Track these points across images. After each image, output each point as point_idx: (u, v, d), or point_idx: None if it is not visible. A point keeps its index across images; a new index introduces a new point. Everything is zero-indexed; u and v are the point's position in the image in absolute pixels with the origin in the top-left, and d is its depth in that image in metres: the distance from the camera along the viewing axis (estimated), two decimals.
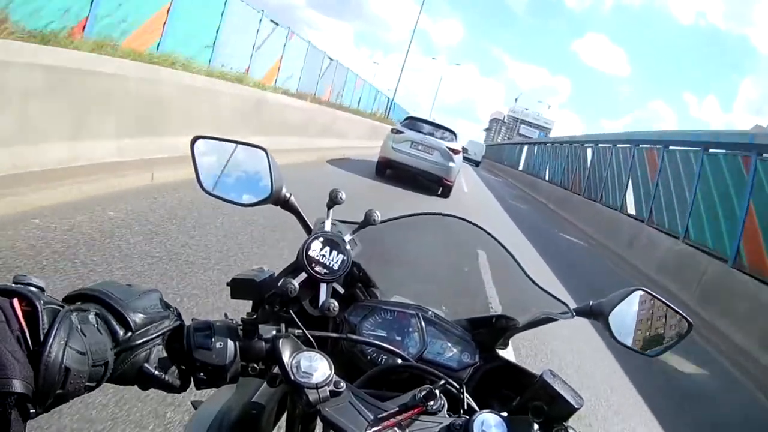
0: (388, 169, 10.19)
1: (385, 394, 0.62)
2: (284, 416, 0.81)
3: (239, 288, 0.70)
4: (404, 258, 0.99)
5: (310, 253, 0.69)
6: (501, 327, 0.82)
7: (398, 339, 0.78)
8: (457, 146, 10.33)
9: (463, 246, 0.97)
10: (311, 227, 0.78)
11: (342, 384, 0.56)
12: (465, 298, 0.96)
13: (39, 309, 0.41)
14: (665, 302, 0.78)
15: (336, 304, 0.67)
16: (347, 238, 0.71)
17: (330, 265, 0.69)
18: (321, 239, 0.69)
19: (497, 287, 0.97)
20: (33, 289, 0.43)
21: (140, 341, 0.50)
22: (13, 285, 0.43)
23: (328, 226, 0.74)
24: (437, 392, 0.57)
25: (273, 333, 0.60)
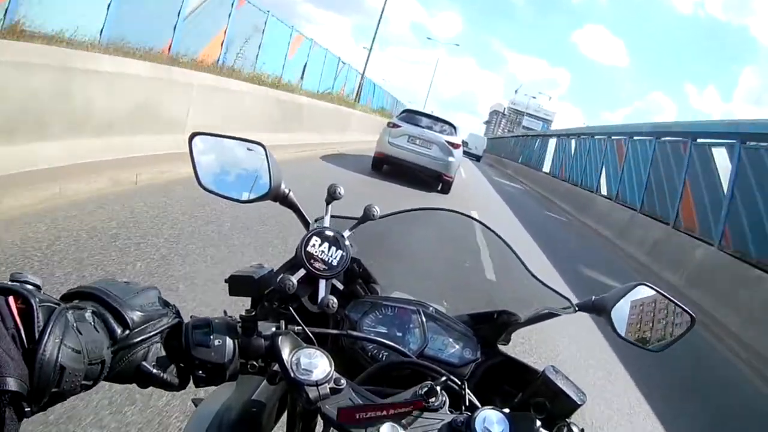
0: (385, 165, 9.83)
1: (386, 391, 0.61)
2: (285, 414, 0.80)
3: (237, 285, 0.70)
4: (404, 253, 0.98)
5: (309, 249, 0.68)
6: (503, 322, 0.81)
7: (399, 335, 0.78)
8: (457, 140, 9.89)
9: (464, 241, 0.97)
10: (310, 223, 0.77)
11: (342, 381, 0.55)
12: (466, 294, 0.95)
13: (34, 307, 0.41)
14: (668, 297, 0.77)
15: (335, 301, 0.67)
16: (346, 234, 0.70)
17: (329, 261, 0.68)
18: (320, 235, 0.69)
19: (498, 282, 0.97)
20: (29, 287, 0.43)
21: (138, 339, 0.50)
22: (9, 283, 0.42)
23: (327, 222, 0.73)
24: (438, 389, 0.57)
25: (272, 330, 0.60)
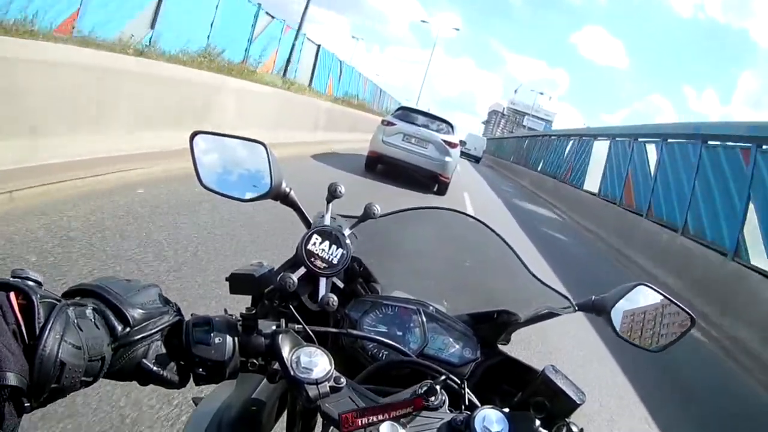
0: (379, 165, 9.43)
1: (386, 390, 0.61)
2: (285, 412, 0.80)
3: (238, 283, 0.70)
4: (405, 253, 0.98)
5: (310, 248, 0.68)
6: (503, 322, 0.81)
7: (399, 334, 0.78)
8: (454, 139, 9.45)
9: (464, 240, 0.97)
10: (311, 221, 0.77)
11: (342, 380, 0.55)
12: (466, 293, 0.95)
13: (35, 303, 0.41)
14: (668, 297, 0.77)
15: (335, 299, 0.67)
16: (347, 232, 0.71)
17: (329, 260, 0.68)
18: (320, 233, 0.69)
19: (498, 282, 0.97)
20: (30, 283, 0.43)
21: (138, 337, 0.50)
22: (10, 279, 0.42)
23: (328, 220, 0.73)
24: (438, 388, 0.57)
25: (272, 328, 0.60)
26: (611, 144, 13.88)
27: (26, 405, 0.39)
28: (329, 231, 0.69)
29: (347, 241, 0.69)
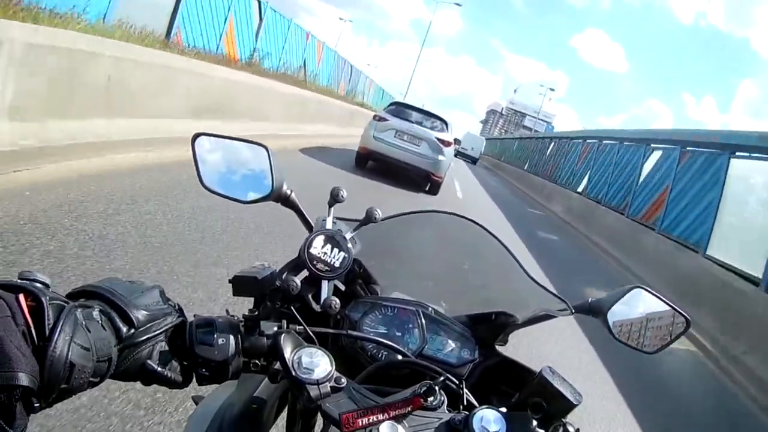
0: (370, 161, 9.07)
1: (385, 390, 0.62)
2: (285, 411, 0.81)
3: (241, 285, 0.70)
4: (404, 255, 0.99)
5: (312, 251, 0.69)
6: (500, 323, 0.82)
7: (398, 335, 0.79)
8: (448, 137, 9.10)
9: (463, 243, 0.98)
10: (312, 224, 0.78)
11: (343, 380, 0.56)
12: (464, 295, 0.96)
13: (44, 304, 0.41)
14: (663, 300, 0.78)
15: (337, 301, 0.67)
16: (348, 236, 0.71)
17: (331, 263, 0.69)
18: (322, 237, 0.70)
19: (496, 284, 0.98)
20: (38, 285, 0.43)
21: (143, 338, 0.51)
22: (19, 281, 0.43)
23: (329, 224, 0.74)
24: (437, 388, 0.57)
25: (274, 329, 0.61)
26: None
27: (35, 405, 0.40)
28: (331, 235, 0.70)
29: (349, 245, 0.70)
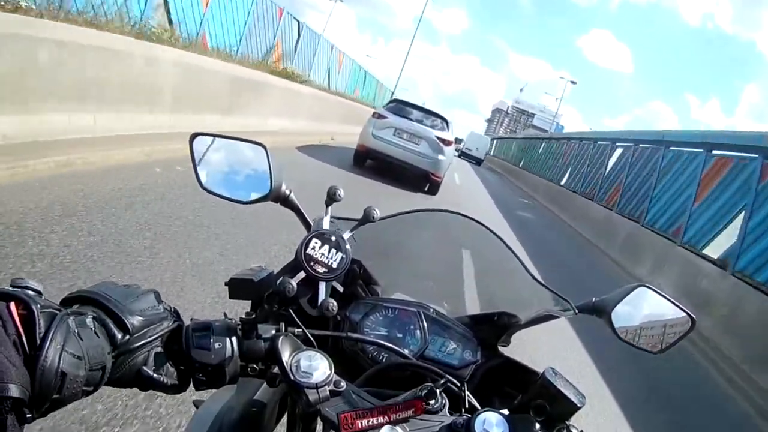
0: (368, 160, 8.96)
1: (386, 393, 0.61)
2: (285, 415, 0.81)
3: (237, 288, 0.69)
4: (405, 255, 0.98)
5: (309, 252, 0.68)
6: (503, 324, 0.81)
7: (399, 336, 0.78)
8: (449, 136, 8.95)
9: (464, 242, 0.97)
10: (311, 223, 0.77)
11: (342, 383, 0.55)
12: (466, 295, 0.95)
13: (35, 313, 0.41)
14: (668, 298, 0.77)
15: (335, 304, 0.66)
16: (346, 236, 0.70)
17: (329, 264, 0.68)
18: (320, 237, 0.68)
19: (498, 284, 0.97)
20: (30, 293, 0.43)
21: (138, 344, 0.50)
22: (10, 288, 0.42)
23: (327, 224, 0.73)
24: (438, 391, 0.57)
25: (272, 332, 0.60)
26: None
27: (28, 416, 0.39)
28: (329, 235, 0.69)
29: (347, 246, 0.69)
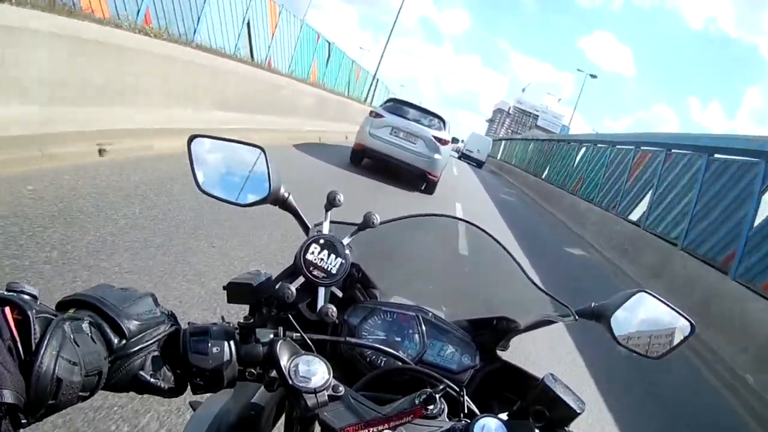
0: (365, 158, 8.98)
1: (385, 398, 0.61)
2: (283, 418, 0.80)
3: (235, 292, 0.69)
4: (404, 258, 0.98)
5: (308, 257, 0.67)
6: (502, 329, 0.81)
7: (398, 340, 0.77)
8: (446, 136, 8.97)
9: (464, 247, 0.96)
10: (309, 227, 0.77)
11: (341, 388, 0.55)
12: (465, 299, 0.95)
13: (31, 318, 0.40)
14: (667, 304, 0.77)
15: (334, 309, 0.66)
16: (346, 241, 0.70)
17: (328, 269, 0.67)
18: (319, 242, 0.68)
19: (497, 288, 0.96)
20: (25, 297, 0.42)
21: (135, 349, 0.49)
22: (5, 293, 0.42)
23: (326, 229, 0.72)
24: (437, 396, 0.56)
25: (270, 337, 0.59)
26: None
27: (23, 421, 0.39)
28: (328, 240, 0.68)
29: (346, 251, 0.68)
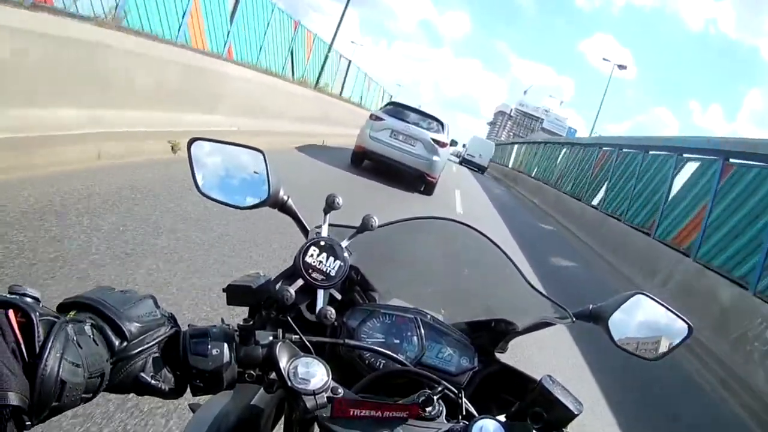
0: (365, 160, 9.26)
1: (384, 400, 0.61)
2: (282, 420, 0.80)
3: (235, 294, 0.69)
4: (402, 261, 0.98)
5: (307, 259, 0.68)
6: (500, 331, 0.81)
7: (396, 343, 0.78)
8: (444, 138, 9.23)
9: (462, 249, 0.97)
10: (308, 230, 0.77)
11: (340, 390, 0.55)
12: (463, 302, 0.95)
13: (34, 321, 0.41)
14: (665, 305, 0.77)
15: (333, 312, 0.66)
16: (344, 244, 0.70)
17: (327, 272, 0.68)
18: (318, 245, 0.68)
19: (496, 291, 0.97)
20: (28, 300, 0.42)
21: (136, 351, 0.50)
22: (8, 296, 0.42)
23: (325, 231, 0.73)
24: (435, 398, 0.57)
25: (270, 339, 0.60)
26: None
27: (27, 423, 0.39)
28: (327, 243, 0.69)
29: (345, 254, 0.69)
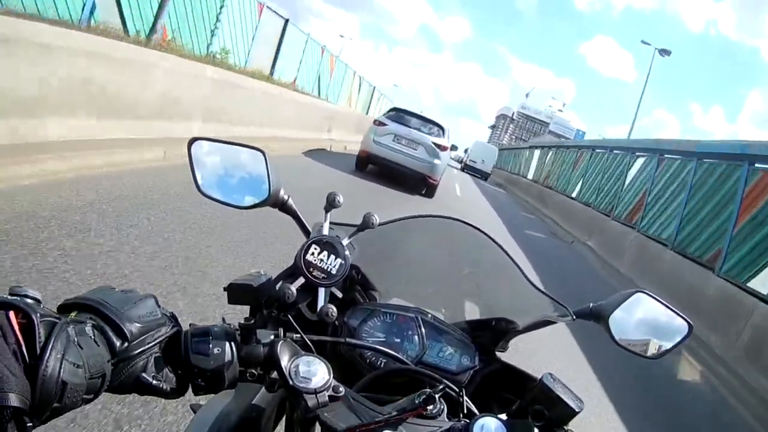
0: (369, 164, 9.69)
1: (384, 398, 0.61)
2: (283, 419, 0.80)
3: (236, 293, 0.69)
4: (403, 260, 0.98)
5: (308, 258, 0.68)
6: (501, 329, 0.82)
7: (397, 342, 0.78)
8: (445, 142, 9.65)
9: (463, 248, 0.97)
10: (309, 230, 0.77)
11: (341, 389, 0.56)
12: (464, 301, 0.95)
13: (35, 322, 0.40)
14: (665, 304, 0.78)
15: (334, 310, 0.66)
16: (345, 242, 0.70)
17: (328, 270, 0.68)
18: (319, 243, 0.68)
19: (496, 290, 0.97)
20: (29, 301, 0.42)
21: (137, 351, 0.50)
22: (9, 297, 0.42)
23: (326, 230, 0.73)
24: (437, 396, 0.57)
25: (271, 338, 0.60)
26: None
27: (28, 424, 0.39)
28: (328, 241, 0.69)
29: (346, 252, 0.69)
